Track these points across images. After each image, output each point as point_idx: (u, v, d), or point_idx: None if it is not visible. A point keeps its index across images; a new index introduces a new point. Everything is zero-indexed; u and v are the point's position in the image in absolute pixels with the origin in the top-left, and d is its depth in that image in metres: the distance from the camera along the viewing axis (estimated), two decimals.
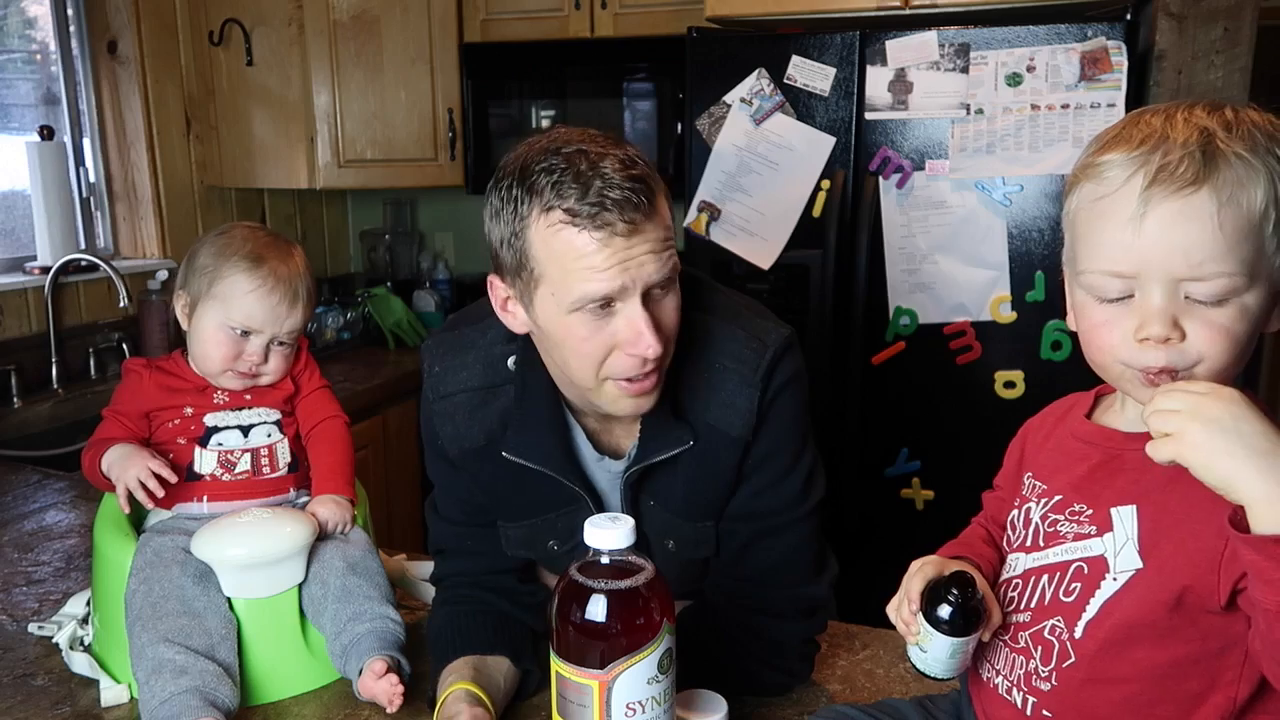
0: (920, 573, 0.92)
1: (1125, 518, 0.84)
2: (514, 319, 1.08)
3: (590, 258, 0.97)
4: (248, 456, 1.29)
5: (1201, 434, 0.70)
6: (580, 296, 0.99)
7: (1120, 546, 0.84)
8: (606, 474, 1.18)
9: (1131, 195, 0.76)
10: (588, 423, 1.17)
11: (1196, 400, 0.71)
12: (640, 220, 0.97)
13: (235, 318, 1.28)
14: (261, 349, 1.29)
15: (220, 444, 1.29)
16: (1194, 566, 0.78)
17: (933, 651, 0.90)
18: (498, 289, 1.08)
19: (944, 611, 0.88)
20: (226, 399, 1.32)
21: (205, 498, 1.27)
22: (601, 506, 1.17)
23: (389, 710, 1.12)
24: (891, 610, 0.93)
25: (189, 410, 1.30)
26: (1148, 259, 0.76)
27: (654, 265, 0.99)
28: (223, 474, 1.28)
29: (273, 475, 1.30)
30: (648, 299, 1.01)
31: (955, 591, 0.88)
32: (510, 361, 1.15)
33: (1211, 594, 0.77)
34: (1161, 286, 0.76)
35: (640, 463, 1.12)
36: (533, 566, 1.27)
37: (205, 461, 1.28)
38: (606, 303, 1.00)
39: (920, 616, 0.89)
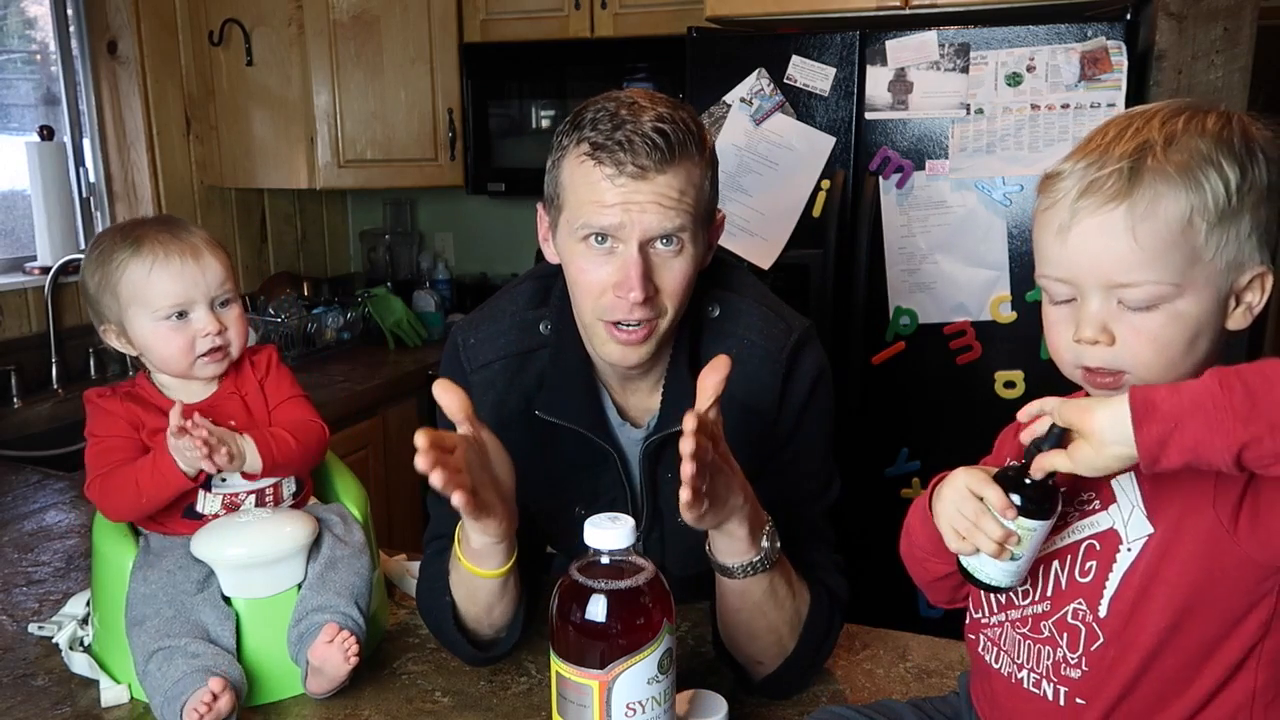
0: (984, 484, 0.84)
1: (1126, 485, 0.86)
2: (549, 248, 1.16)
3: (599, 191, 1.04)
4: (253, 498, 1.25)
5: (1075, 404, 0.78)
6: (584, 224, 1.06)
7: (1128, 515, 0.85)
8: (629, 440, 1.21)
9: (1065, 208, 0.82)
10: (612, 388, 1.21)
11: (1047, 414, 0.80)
12: (652, 169, 1.03)
13: (159, 305, 1.19)
14: (207, 318, 1.20)
15: (224, 479, 1.22)
16: (1197, 512, 0.80)
17: (1027, 553, 0.83)
18: (542, 220, 1.17)
19: (1028, 498, 0.81)
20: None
21: None
22: (626, 469, 1.21)
23: (347, 666, 1.11)
24: (956, 540, 0.85)
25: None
26: (1075, 268, 0.82)
27: (657, 216, 1.04)
28: (224, 514, 1.23)
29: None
30: (650, 251, 1.06)
31: (1030, 475, 0.80)
32: (543, 326, 1.20)
33: (1220, 533, 0.79)
34: (1095, 292, 0.82)
35: (660, 431, 1.15)
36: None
37: (209, 504, 1.23)
38: (606, 239, 1.06)
39: (1020, 517, 0.82)
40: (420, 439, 0.90)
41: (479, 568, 1.09)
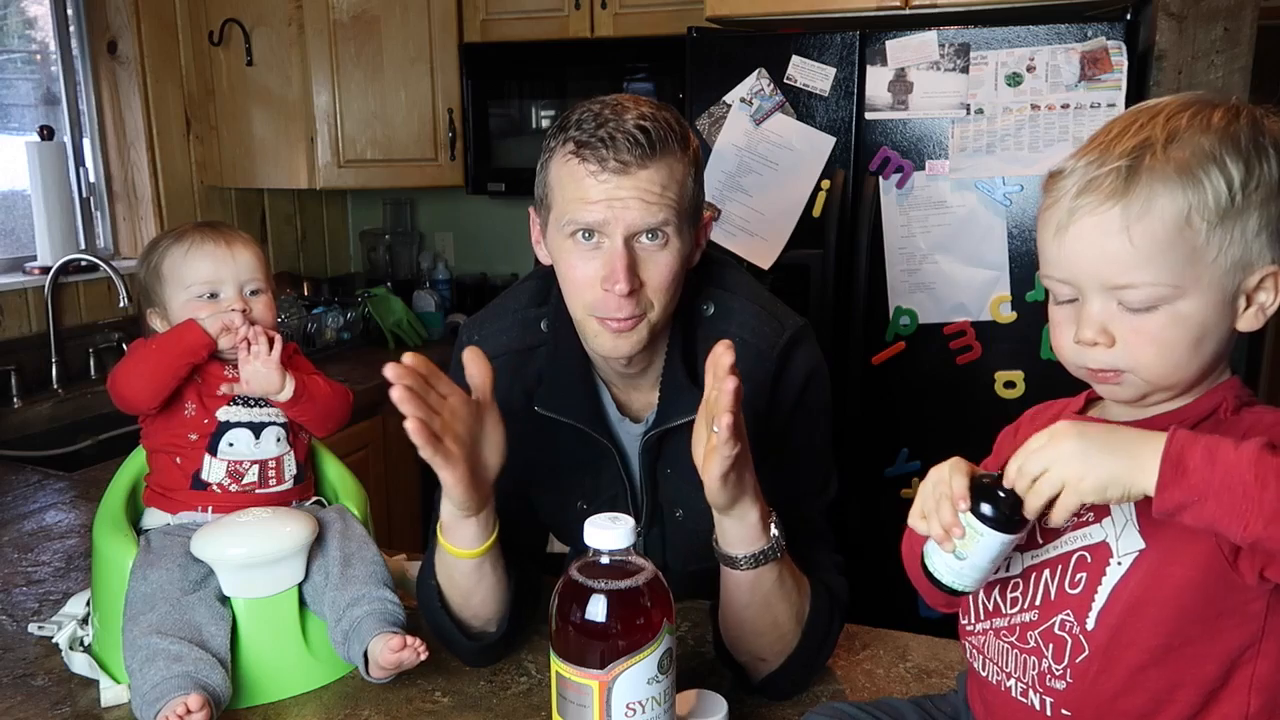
0: (957, 471, 0.83)
1: None
2: (541, 250, 1.18)
3: (584, 188, 1.06)
4: (256, 468, 1.28)
5: (1076, 470, 0.75)
6: (570, 221, 1.08)
7: (1120, 529, 0.84)
8: (629, 436, 1.23)
9: (1063, 207, 0.81)
10: (612, 384, 1.23)
11: (1046, 452, 0.77)
12: (634, 164, 1.05)
13: (191, 282, 1.29)
14: (235, 298, 1.29)
15: (231, 444, 1.27)
16: (1197, 538, 0.78)
17: (974, 557, 0.83)
18: (534, 223, 1.19)
19: (994, 507, 0.80)
20: (235, 373, 1.29)
21: (210, 508, 1.26)
22: (626, 465, 1.22)
23: (420, 656, 1.13)
24: (918, 519, 0.86)
25: (192, 409, 1.28)
26: (1073, 268, 0.82)
27: (640, 211, 1.06)
28: (230, 484, 1.27)
29: (278, 488, 1.30)
30: (635, 245, 1.08)
31: (1006, 486, 0.80)
32: (543, 324, 1.22)
33: (1219, 561, 0.78)
34: (1095, 293, 0.81)
35: (658, 426, 1.17)
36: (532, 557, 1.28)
37: (214, 471, 1.27)
38: (593, 234, 1.08)
39: (968, 515, 0.81)
40: (409, 357, 0.96)
41: (452, 544, 1.10)
